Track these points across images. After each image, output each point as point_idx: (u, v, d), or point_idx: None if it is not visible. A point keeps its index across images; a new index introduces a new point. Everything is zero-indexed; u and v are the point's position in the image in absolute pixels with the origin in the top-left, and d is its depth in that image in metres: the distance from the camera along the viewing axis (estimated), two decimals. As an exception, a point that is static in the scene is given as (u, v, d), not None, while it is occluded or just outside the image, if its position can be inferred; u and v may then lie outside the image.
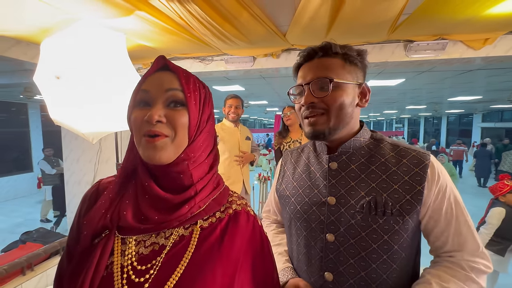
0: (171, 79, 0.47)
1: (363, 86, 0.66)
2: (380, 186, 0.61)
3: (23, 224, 4.94)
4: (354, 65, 0.63)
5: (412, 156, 0.62)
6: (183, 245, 0.45)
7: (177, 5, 1.22)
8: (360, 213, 0.60)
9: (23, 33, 1.51)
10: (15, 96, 6.01)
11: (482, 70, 3.54)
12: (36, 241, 2.33)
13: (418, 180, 0.59)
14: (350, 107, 0.63)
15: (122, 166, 0.49)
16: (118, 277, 0.42)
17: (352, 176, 0.64)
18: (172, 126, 0.44)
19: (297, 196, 0.70)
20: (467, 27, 1.67)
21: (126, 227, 0.45)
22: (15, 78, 3.10)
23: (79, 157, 2.58)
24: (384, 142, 0.67)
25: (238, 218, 0.51)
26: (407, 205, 0.58)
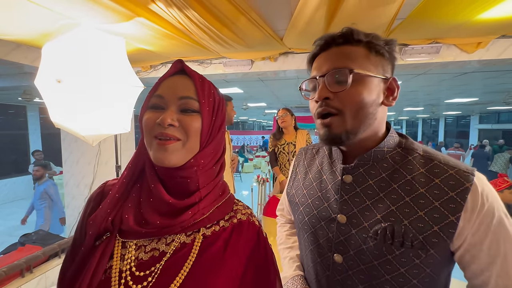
0: (187, 85, 0.47)
1: (391, 81, 0.53)
2: (401, 211, 0.49)
3: (21, 227, 4.92)
4: (380, 55, 0.52)
5: (448, 175, 0.48)
6: (184, 253, 0.44)
7: (176, 11, 1.25)
8: (373, 239, 0.50)
9: (24, 37, 1.53)
10: (14, 99, 6.02)
11: (477, 73, 3.59)
12: (35, 243, 2.33)
13: (452, 209, 0.46)
14: (373, 105, 0.51)
15: (129, 167, 0.48)
16: (115, 282, 0.41)
17: (369, 194, 0.53)
18: (184, 130, 0.45)
19: (305, 206, 0.62)
20: (460, 31, 1.71)
21: (127, 230, 0.45)
22: (15, 81, 3.12)
23: (79, 159, 2.59)
24: (414, 153, 0.53)
25: (242, 228, 0.49)
26: (433, 237, 0.46)
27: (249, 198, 4.20)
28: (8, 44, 1.76)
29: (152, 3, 1.20)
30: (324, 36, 0.54)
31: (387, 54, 0.52)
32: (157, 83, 0.48)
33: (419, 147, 0.55)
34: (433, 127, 16.13)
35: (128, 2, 1.17)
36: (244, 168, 9.97)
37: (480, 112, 11.23)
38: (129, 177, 0.48)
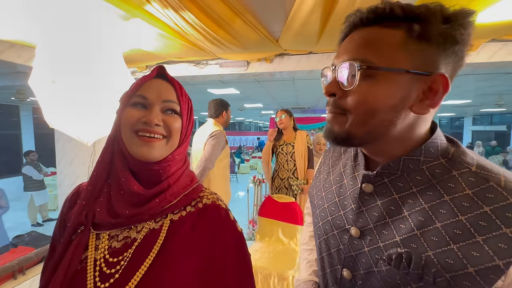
0: (168, 90, 0.52)
1: (434, 78, 0.38)
2: (426, 237, 0.38)
3: (14, 228, 4.85)
4: (426, 41, 0.37)
5: (507, 204, 0.35)
6: (153, 238, 0.48)
7: (172, 12, 1.26)
8: (387, 264, 0.41)
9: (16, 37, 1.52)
10: (7, 98, 5.94)
11: (470, 75, 3.66)
12: (27, 245, 2.30)
13: (501, 250, 0.34)
14: (391, 111, 0.39)
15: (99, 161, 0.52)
16: (90, 270, 0.45)
17: (391, 209, 0.43)
18: (168, 129, 0.51)
19: (321, 210, 0.56)
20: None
21: (100, 223, 0.48)
22: (8, 81, 3.08)
23: (73, 160, 2.57)
24: (464, 167, 0.40)
25: (208, 210, 0.53)
26: (465, 280, 0.35)
27: (245, 199, 4.20)
28: (1, 43, 1.74)
29: (147, 3, 1.20)
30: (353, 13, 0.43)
31: (440, 38, 0.36)
32: (137, 83, 0.52)
33: (473, 160, 0.41)
34: (427, 129, 16.33)
35: (123, 3, 1.17)
36: (240, 169, 9.96)
37: (474, 114, 11.42)
38: (100, 172, 0.51)
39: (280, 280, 1.61)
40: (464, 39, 0.38)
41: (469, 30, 0.37)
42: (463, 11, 0.37)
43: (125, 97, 0.52)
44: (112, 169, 0.52)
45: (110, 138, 0.53)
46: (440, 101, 0.40)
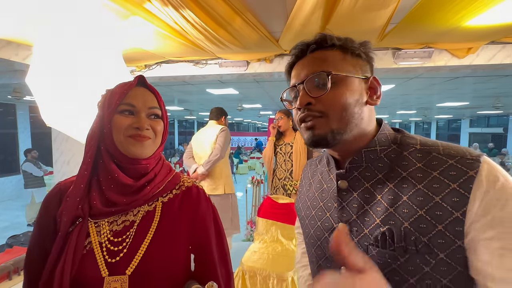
0: (152, 98, 0.62)
1: (371, 80, 0.51)
2: (399, 212, 0.44)
3: (10, 228, 4.80)
4: (357, 56, 0.51)
5: (448, 166, 0.43)
6: (150, 217, 0.60)
7: (172, 10, 1.25)
8: (375, 247, 0.45)
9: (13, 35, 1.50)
10: (3, 97, 5.88)
11: (468, 77, 3.68)
12: (23, 245, 2.27)
13: (455, 203, 0.40)
14: (356, 106, 0.49)
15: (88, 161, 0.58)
16: (98, 250, 0.55)
17: (366, 198, 0.49)
18: (154, 132, 0.61)
19: (310, 219, 0.59)
20: (451, 37, 1.75)
21: (98, 213, 0.57)
22: (5, 79, 3.05)
23: (70, 159, 2.54)
24: (410, 147, 0.49)
25: (191, 191, 0.67)
26: (439, 238, 0.40)
27: (243, 200, 4.18)
28: (-2, 40, 1.72)
29: (147, 1, 1.19)
30: (298, 44, 0.54)
31: (363, 55, 0.52)
32: (122, 92, 0.59)
33: (416, 140, 0.50)
34: (425, 130, 16.44)
35: (124, 1, 1.16)
36: (238, 169, 9.95)
37: (471, 116, 11.50)
38: (89, 170, 0.58)
39: (279, 281, 1.60)
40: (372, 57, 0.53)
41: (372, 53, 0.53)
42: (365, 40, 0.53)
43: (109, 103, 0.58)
44: (98, 167, 0.59)
45: (93, 140, 0.59)
46: (381, 94, 0.52)
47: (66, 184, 0.62)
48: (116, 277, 0.54)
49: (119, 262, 0.55)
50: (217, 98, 5.95)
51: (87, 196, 0.58)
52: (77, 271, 0.52)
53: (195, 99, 6.31)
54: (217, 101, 6.54)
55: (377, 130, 0.53)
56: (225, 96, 5.50)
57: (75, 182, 0.58)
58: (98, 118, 0.60)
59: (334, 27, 1.51)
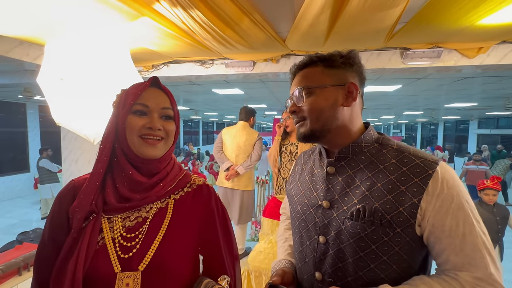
0: (165, 99, 0.63)
1: (348, 85, 0.62)
2: (373, 195, 0.58)
3: (19, 225, 4.89)
4: (335, 68, 0.63)
5: (414, 164, 0.57)
6: (162, 214, 0.62)
7: (181, 10, 1.25)
8: (350, 219, 0.59)
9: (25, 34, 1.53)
10: (14, 96, 6.00)
11: (477, 78, 3.61)
12: (33, 241, 2.31)
13: (415, 192, 0.54)
14: (330, 109, 0.62)
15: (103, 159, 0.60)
16: (111, 246, 0.56)
17: (348, 182, 0.63)
18: (166, 132, 0.62)
19: (299, 197, 0.73)
20: (461, 36, 1.72)
21: (112, 209, 0.58)
22: (16, 79, 3.10)
23: (78, 158, 2.58)
24: (388, 147, 0.62)
25: (202, 189, 0.70)
26: (398, 217, 0.55)
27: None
28: (11, 41, 1.76)
29: (156, 2, 1.20)
30: (292, 66, 0.69)
31: (343, 65, 0.63)
32: (136, 92, 0.60)
33: (394, 142, 0.63)
34: (432, 131, 16.17)
35: (132, 2, 1.17)
36: (243, 169, 9.90)
37: (479, 117, 11.28)
38: (105, 168, 0.60)
39: (284, 281, 1.59)
40: (356, 63, 0.64)
41: (357, 59, 0.64)
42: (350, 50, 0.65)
43: (123, 103, 0.60)
44: (112, 165, 0.61)
45: (108, 138, 0.60)
46: (356, 96, 0.63)
47: (79, 181, 0.63)
48: (128, 273, 0.54)
49: (132, 258, 0.56)
50: (223, 98, 5.97)
51: (101, 193, 0.59)
52: (89, 267, 0.53)
53: (201, 99, 6.34)
54: (223, 101, 6.55)
55: (363, 130, 0.66)
56: (231, 96, 5.52)
57: (90, 179, 0.59)
58: (113, 118, 0.62)
59: (341, 28, 1.50)
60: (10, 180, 6.76)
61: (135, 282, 0.54)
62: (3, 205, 6.16)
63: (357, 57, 0.64)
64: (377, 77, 3.40)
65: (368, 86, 4.02)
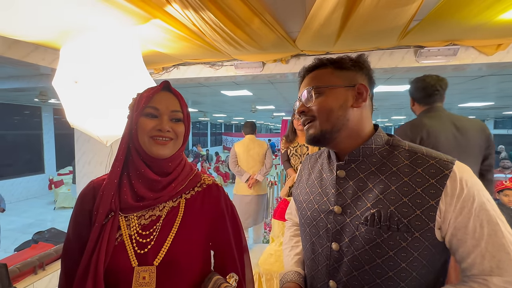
0: (175, 101, 0.66)
1: (358, 86, 0.61)
2: (387, 198, 0.55)
3: (35, 224, 5.04)
4: (346, 69, 0.63)
5: (429, 165, 0.55)
6: (174, 213, 0.66)
7: (192, 12, 1.26)
8: (364, 225, 0.56)
9: (42, 39, 1.57)
10: (30, 100, 6.21)
11: (494, 76, 3.48)
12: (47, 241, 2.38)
13: (432, 194, 0.52)
14: (340, 109, 0.61)
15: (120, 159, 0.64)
16: (128, 242, 0.60)
17: (360, 185, 0.60)
18: (175, 134, 0.65)
19: (308, 202, 0.71)
20: (480, 33, 1.66)
21: (128, 207, 0.62)
22: (32, 83, 3.21)
23: (91, 160, 2.63)
24: (400, 148, 0.60)
25: (211, 189, 0.72)
26: (416, 221, 0.52)
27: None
28: (27, 45, 1.81)
29: (168, 4, 1.21)
30: (301, 69, 0.69)
31: (353, 67, 0.63)
32: (148, 96, 0.64)
33: (405, 143, 0.61)
34: (445, 132, 15.67)
35: (144, 4, 1.18)
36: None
37: (495, 117, 10.90)
38: (121, 166, 0.64)
39: (295, 285, 1.56)
40: (366, 66, 0.64)
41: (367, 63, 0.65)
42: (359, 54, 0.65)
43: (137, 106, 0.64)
44: (128, 164, 0.65)
45: (124, 139, 0.65)
46: (367, 98, 0.62)
47: (98, 181, 0.67)
48: (145, 267, 0.59)
49: (147, 254, 0.60)
50: (231, 100, 5.99)
51: (118, 191, 0.63)
52: (110, 261, 0.58)
53: (209, 101, 6.38)
54: (231, 102, 6.58)
55: (373, 132, 0.64)
56: (239, 97, 5.53)
57: (109, 177, 0.63)
58: (128, 120, 0.66)
59: (354, 26, 1.46)
60: (26, 181, 6.99)
61: (150, 275, 0.59)
62: (19, 205, 6.37)
63: (366, 61, 0.65)
64: (389, 77, 3.33)
65: (379, 86, 3.94)
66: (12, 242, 3.87)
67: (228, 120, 16.89)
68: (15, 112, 6.92)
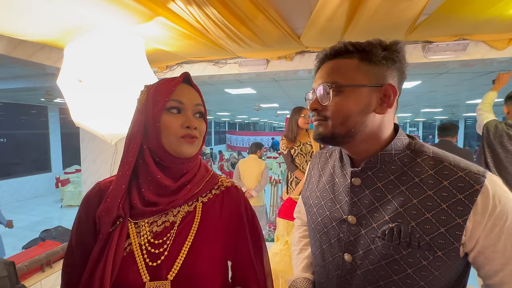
0: (196, 95, 0.60)
1: (386, 87, 0.52)
2: (408, 212, 0.50)
3: (42, 223, 5.13)
4: (374, 63, 0.52)
5: (458, 177, 0.48)
6: (190, 218, 0.58)
7: (195, 8, 1.24)
8: (381, 239, 0.51)
9: (46, 38, 1.58)
10: (36, 99, 6.29)
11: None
12: (54, 239, 2.41)
13: (459, 211, 0.46)
14: (360, 114, 0.52)
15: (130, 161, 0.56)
16: (138, 253, 0.52)
17: (377, 196, 0.54)
18: (199, 131, 0.59)
19: (319, 208, 0.65)
20: (490, 27, 1.61)
21: (139, 213, 0.55)
22: (38, 82, 3.24)
23: (96, 158, 2.65)
24: (424, 155, 0.53)
25: (231, 191, 0.65)
26: (440, 239, 0.47)
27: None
28: (33, 45, 1.82)
29: (171, 1, 1.19)
30: (320, 52, 0.59)
31: (383, 60, 0.52)
32: (170, 88, 0.56)
33: (429, 149, 0.55)
34: (451, 129, 15.50)
35: (148, 2, 1.17)
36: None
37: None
38: (131, 170, 0.56)
39: (301, 284, 1.54)
40: (400, 59, 0.53)
41: (402, 53, 0.54)
42: (394, 41, 0.53)
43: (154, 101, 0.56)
44: (138, 166, 0.57)
45: (135, 138, 0.56)
46: (394, 102, 0.53)
47: (105, 183, 0.60)
48: (157, 283, 0.51)
49: (161, 266, 0.52)
50: (235, 98, 5.97)
51: (127, 196, 0.56)
52: (117, 276, 0.50)
53: (213, 99, 6.38)
54: (235, 100, 6.56)
55: (393, 135, 0.57)
56: (243, 95, 5.51)
57: (116, 182, 0.56)
58: (141, 116, 0.57)
59: (360, 21, 1.43)
60: (34, 180, 7.10)
61: None
62: (27, 204, 6.48)
63: (402, 51, 0.54)
64: (395, 73, 3.27)
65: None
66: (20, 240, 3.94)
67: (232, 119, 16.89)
68: (23, 112, 7.02)
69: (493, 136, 1.72)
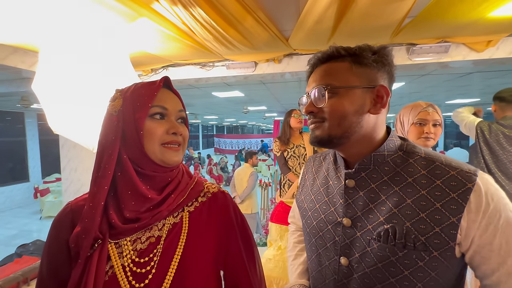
0: (178, 100, 0.57)
1: (378, 89, 0.54)
2: (403, 213, 0.50)
3: (19, 236, 4.82)
4: (365, 66, 0.54)
5: (450, 176, 0.49)
6: (177, 230, 0.54)
7: (181, 9, 1.20)
8: (377, 241, 0.51)
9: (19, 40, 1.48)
10: (12, 105, 5.95)
11: (482, 73, 3.56)
12: (32, 254, 2.25)
13: (453, 210, 0.47)
14: (355, 115, 0.54)
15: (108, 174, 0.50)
16: (122, 276, 0.48)
17: (371, 197, 0.55)
18: (183, 137, 0.56)
19: (313, 211, 0.65)
20: (470, 30, 1.67)
21: (120, 232, 0.50)
22: (13, 87, 3.06)
23: (77, 166, 2.52)
24: (416, 156, 0.54)
25: (217, 197, 0.62)
26: (435, 239, 0.47)
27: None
28: (5, 48, 1.71)
29: (155, 1, 1.14)
30: (313, 57, 0.60)
31: (374, 63, 0.54)
32: (151, 94, 0.52)
33: (420, 150, 0.56)
34: (432, 129, 16.10)
35: (131, 1, 1.11)
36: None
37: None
38: (109, 184, 0.50)
39: (295, 290, 1.51)
40: (389, 62, 0.56)
41: (390, 57, 0.56)
42: (382, 46, 0.56)
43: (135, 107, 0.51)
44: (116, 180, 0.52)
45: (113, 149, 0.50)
46: (387, 103, 0.55)
47: (77, 203, 0.55)
48: None
49: (149, 285, 0.48)
50: (223, 101, 5.92)
51: (104, 214, 0.50)
52: None
53: (201, 103, 6.29)
54: (223, 104, 6.51)
55: (385, 136, 0.58)
56: (231, 98, 5.47)
57: (92, 199, 0.50)
58: (116, 123, 0.51)
59: (348, 24, 1.44)
60: (10, 190, 6.70)
61: None
62: (2, 216, 6.08)
63: (390, 55, 0.56)
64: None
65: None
66: (-6, 256, 3.67)
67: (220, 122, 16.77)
68: (-4, 119, 6.62)
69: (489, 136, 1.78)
